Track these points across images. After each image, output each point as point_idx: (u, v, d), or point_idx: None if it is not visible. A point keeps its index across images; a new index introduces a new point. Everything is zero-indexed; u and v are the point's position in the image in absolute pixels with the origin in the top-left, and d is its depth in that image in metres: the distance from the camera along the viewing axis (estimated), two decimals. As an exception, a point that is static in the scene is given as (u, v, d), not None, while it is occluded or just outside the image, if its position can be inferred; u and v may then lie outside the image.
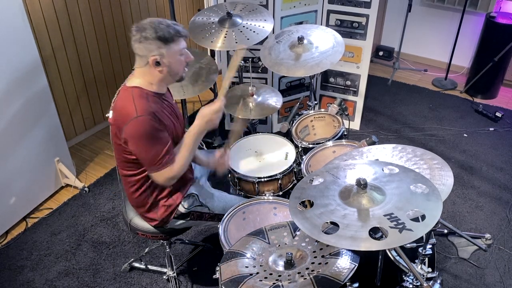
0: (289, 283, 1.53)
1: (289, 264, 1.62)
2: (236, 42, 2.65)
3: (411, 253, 1.90)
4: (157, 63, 1.81)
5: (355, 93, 3.55)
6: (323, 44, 2.66)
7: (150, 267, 2.55)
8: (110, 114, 1.93)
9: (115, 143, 1.93)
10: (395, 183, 1.56)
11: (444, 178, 1.76)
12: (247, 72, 3.08)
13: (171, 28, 1.79)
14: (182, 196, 2.06)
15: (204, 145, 3.35)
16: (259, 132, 2.68)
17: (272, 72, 3.33)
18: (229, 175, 2.42)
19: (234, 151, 2.49)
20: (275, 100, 2.78)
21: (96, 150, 3.54)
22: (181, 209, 2.06)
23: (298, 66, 2.57)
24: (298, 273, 1.58)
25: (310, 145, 2.49)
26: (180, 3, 4.07)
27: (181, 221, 2.11)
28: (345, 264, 1.57)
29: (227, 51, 3.29)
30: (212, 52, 3.73)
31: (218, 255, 1.79)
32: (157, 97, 1.89)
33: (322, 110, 2.75)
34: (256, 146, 2.53)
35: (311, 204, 1.57)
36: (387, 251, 1.90)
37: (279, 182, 2.31)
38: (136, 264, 2.56)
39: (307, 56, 2.60)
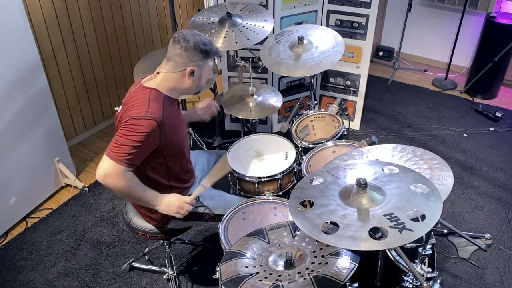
0: (289, 283, 1.53)
1: (289, 264, 1.62)
2: (236, 42, 2.65)
3: (411, 253, 1.90)
4: (192, 73, 1.88)
5: (355, 93, 3.55)
6: (323, 44, 2.66)
7: (150, 267, 2.55)
8: (119, 108, 1.94)
9: None
10: (395, 183, 1.56)
11: (444, 178, 1.76)
12: (247, 72, 3.08)
13: (213, 45, 1.91)
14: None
15: (204, 145, 3.36)
16: (259, 132, 2.68)
17: (272, 72, 3.33)
18: (229, 175, 2.42)
19: (234, 151, 2.49)
20: (275, 100, 2.78)
21: (96, 150, 3.54)
22: None
23: (298, 66, 2.57)
24: (298, 273, 1.58)
25: (310, 145, 2.49)
26: (180, 3, 4.07)
27: (181, 222, 2.11)
28: (345, 264, 1.57)
29: (227, 51, 3.29)
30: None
31: (218, 255, 1.79)
32: (172, 102, 1.93)
33: (322, 110, 2.75)
34: (256, 146, 2.52)
35: (311, 204, 1.57)
36: (387, 251, 1.90)
37: (279, 182, 2.31)
38: (136, 264, 2.56)
39: (307, 56, 2.60)
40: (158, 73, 1.91)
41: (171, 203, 1.92)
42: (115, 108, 1.97)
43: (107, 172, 1.77)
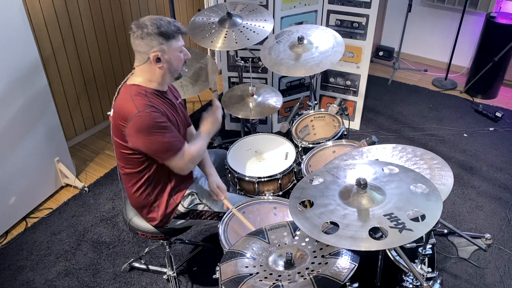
0: (289, 283, 1.53)
1: (289, 264, 1.62)
2: (236, 42, 2.65)
3: (411, 253, 1.90)
4: (158, 59, 1.82)
5: (355, 93, 3.55)
6: (323, 44, 2.66)
7: (150, 267, 2.55)
8: (111, 112, 1.94)
9: (115, 141, 1.93)
10: (395, 183, 1.56)
11: (444, 178, 1.76)
12: (247, 72, 3.08)
13: (172, 24, 1.81)
14: (182, 195, 2.06)
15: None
16: (259, 132, 2.68)
17: (272, 72, 3.33)
18: (229, 175, 2.42)
19: (234, 151, 2.49)
20: (275, 100, 2.78)
21: (96, 150, 3.54)
22: (181, 208, 2.06)
23: (298, 66, 2.57)
24: (298, 273, 1.58)
25: (310, 145, 2.49)
26: (180, 3, 4.07)
27: (181, 221, 2.11)
28: (345, 264, 1.57)
29: (227, 51, 3.29)
30: (212, 52, 3.73)
31: (218, 255, 1.79)
32: (158, 94, 1.90)
33: (322, 110, 2.75)
34: (256, 146, 2.53)
35: (311, 204, 1.57)
36: (387, 251, 1.90)
37: (279, 182, 2.31)
38: (136, 264, 2.56)
39: (307, 56, 2.60)
40: (133, 68, 1.90)
41: (213, 123, 2.07)
42: (108, 113, 1.97)
43: (187, 162, 1.92)
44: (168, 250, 2.35)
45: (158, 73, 1.87)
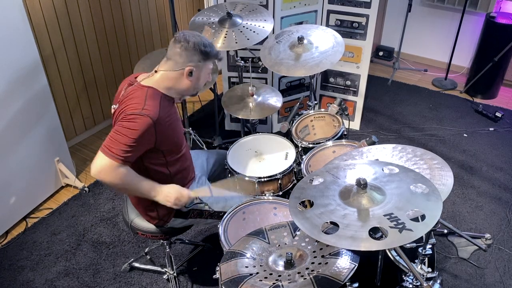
0: (289, 283, 1.53)
1: (289, 264, 1.62)
2: (236, 42, 2.65)
3: (411, 253, 1.90)
4: (190, 74, 1.87)
5: (355, 93, 3.55)
6: (323, 44, 2.66)
7: (150, 267, 2.55)
8: (116, 106, 1.93)
9: None
10: (395, 183, 1.56)
11: (444, 178, 1.76)
12: (247, 72, 3.08)
13: (213, 48, 1.92)
14: None
15: (204, 145, 3.35)
16: (259, 132, 2.68)
17: (272, 72, 3.33)
18: (229, 175, 2.42)
19: (234, 151, 2.49)
20: (275, 100, 2.78)
21: (96, 150, 3.47)
22: (181, 208, 2.06)
23: (298, 66, 2.57)
24: (298, 273, 1.58)
25: (310, 145, 2.49)
26: (180, 3, 4.07)
27: (181, 220, 2.11)
28: (345, 264, 1.57)
29: (227, 51, 3.29)
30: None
31: (218, 255, 1.79)
32: (170, 101, 1.92)
33: (322, 110, 2.75)
34: (256, 146, 2.52)
35: (311, 204, 1.57)
36: (387, 251, 1.90)
37: (279, 182, 2.31)
38: (136, 264, 2.56)
39: (307, 56, 2.60)
40: (156, 71, 1.90)
41: (170, 194, 1.91)
42: (112, 107, 1.97)
43: (101, 168, 1.78)
44: (168, 250, 2.35)
45: (185, 85, 1.90)
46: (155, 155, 1.91)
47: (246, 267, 1.65)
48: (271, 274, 1.60)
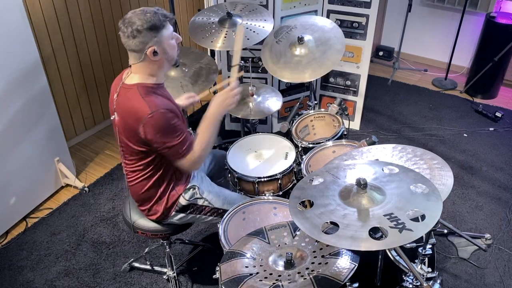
0: (289, 283, 1.53)
1: (289, 264, 1.62)
2: (236, 42, 2.65)
3: (411, 253, 1.90)
4: (155, 53, 1.81)
5: (355, 93, 3.55)
6: (322, 31, 2.65)
7: (150, 267, 2.55)
8: (115, 116, 1.91)
9: (124, 141, 1.91)
10: (395, 183, 1.56)
11: (444, 178, 1.76)
12: (247, 72, 3.08)
13: (158, 14, 1.79)
14: (184, 188, 2.08)
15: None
16: (259, 132, 2.68)
17: (272, 72, 3.33)
18: (229, 175, 2.42)
19: (234, 151, 2.49)
20: (275, 100, 2.78)
21: (96, 150, 3.54)
22: (182, 201, 2.07)
23: (302, 70, 2.56)
24: (298, 273, 1.58)
25: (310, 145, 2.49)
26: (180, 3, 4.07)
27: (181, 215, 2.11)
28: (345, 264, 1.57)
29: (227, 51, 3.29)
30: (212, 52, 3.73)
31: (218, 255, 1.79)
32: (160, 87, 1.91)
33: (322, 110, 2.75)
34: (256, 146, 2.52)
35: (311, 204, 1.57)
36: (387, 251, 1.90)
37: (279, 182, 2.31)
38: (136, 264, 2.56)
39: (309, 58, 2.59)
40: (130, 66, 1.88)
41: (223, 102, 2.00)
42: (111, 117, 1.95)
43: (193, 163, 1.93)
44: (168, 250, 2.35)
45: (158, 65, 1.86)
46: (154, 154, 1.92)
47: (246, 267, 1.65)
48: (271, 274, 1.60)
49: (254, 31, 2.69)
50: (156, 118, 1.77)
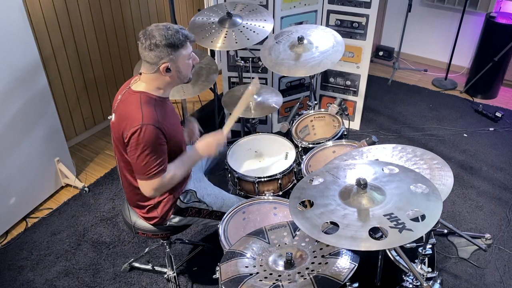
0: (289, 283, 1.53)
1: (289, 264, 1.62)
2: (236, 42, 2.65)
3: (411, 253, 1.90)
4: (168, 70, 1.82)
5: (355, 93, 3.55)
6: (323, 44, 2.66)
7: (150, 267, 2.55)
8: (112, 117, 1.93)
9: (116, 146, 1.93)
10: (395, 183, 1.56)
11: (444, 178, 1.76)
12: (247, 72, 3.08)
13: (179, 33, 1.80)
14: (181, 191, 2.07)
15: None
16: (259, 132, 2.68)
17: (272, 72, 3.33)
18: (229, 175, 2.42)
19: (234, 151, 2.49)
20: (275, 100, 2.78)
21: (96, 150, 3.54)
22: (180, 204, 2.07)
23: (298, 66, 2.57)
24: (298, 273, 1.58)
25: (310, 145, 2.49)
26: (180, 3, 4.07)
27: (179, 217, 2.10)
28: (345, 264, 1.57)
29: (227, 51, 3.29)
30: (212, 52, 3.73)
31: (218, 255, 1.79)
32: (163, 102, 1.91)
33: (322, 110, 2.75)
34: (256, 146, 2.53)
35: (311, 204, 1.57)
36: (387, 251, 1.90)
37: (279, 182, 2.31)
38: (136, 264, 2.56)
39: (307, 56, 2.60)
40: (140, 73, 1.88)
41: (211, 145, 2.01)
42: (109, 117, 1.96)
43: (154, 190, 1.88)
44: (168, 250, 2.35)
45: (168, 81, 1.88)
46: None
47: (246, 267, 1.65)
48: (271, 274, 1.60)
49: (254, 31, 2.69)
50: (144, 131, 1.76)
